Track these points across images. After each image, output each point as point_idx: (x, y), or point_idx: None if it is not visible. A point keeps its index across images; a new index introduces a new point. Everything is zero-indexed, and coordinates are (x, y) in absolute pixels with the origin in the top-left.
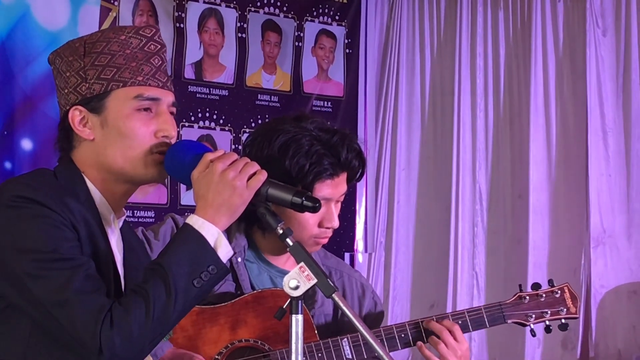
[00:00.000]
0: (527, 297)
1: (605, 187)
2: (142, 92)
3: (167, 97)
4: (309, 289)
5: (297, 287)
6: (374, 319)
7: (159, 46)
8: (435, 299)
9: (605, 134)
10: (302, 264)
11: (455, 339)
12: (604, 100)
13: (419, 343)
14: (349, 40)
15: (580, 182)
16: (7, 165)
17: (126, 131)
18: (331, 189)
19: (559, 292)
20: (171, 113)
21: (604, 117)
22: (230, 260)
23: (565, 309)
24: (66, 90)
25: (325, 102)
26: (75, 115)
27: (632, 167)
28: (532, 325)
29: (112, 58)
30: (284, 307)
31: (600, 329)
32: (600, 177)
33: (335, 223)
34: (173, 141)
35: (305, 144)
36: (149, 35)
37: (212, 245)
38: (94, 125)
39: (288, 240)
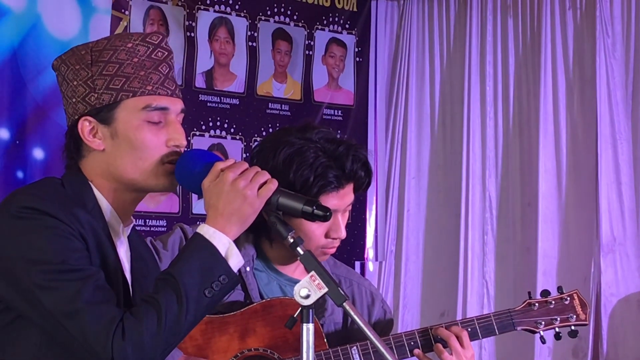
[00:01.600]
0: (537, 304)
1: (615, 195)
2: (150, 102)
3: (176, 105)
4: (319, 298)
5: (308, 296)
6: (383, 327)
7: (166, 53)
8: (446, 307)
9: (615, 141)
10: (312, 272)
11: (461, 345)
12: (614, 107)
13: (417, 351)
14: (359, 48)
15: (590, 189)
16: (19, 174)
17: (137, 142)
18: (337, 201)
19: (569, 299)
20: (180, 122)
21: (614, 124)
22: (239, 269)
23: (575, 316)
24: (74, 100)
25: (336, 111)
26: (85, 126)
27: None
28: (541, 332)
29: (120, 67)
30: (295, 316)
31: (610, 338)
32: (610, 185)
33: (342, 234)
34: (183, 150)
35: (309, 156)
36: (156, 42)
37: (223, 255)
38: (104, 136)
39: (299, 249)
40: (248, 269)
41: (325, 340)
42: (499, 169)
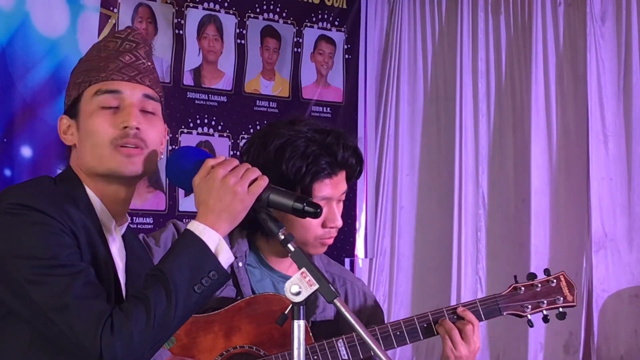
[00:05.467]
0: (523, 288)
1: (606, 191)
2: (100, 87)
3: (134, 90)
4: (310, 295)
5: (299, 293)
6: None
7: (134, 44)
8: (439, 304)
9: (606, 137)
10: (303, 269)
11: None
12: (605, 103)
13: (444, 320)
14: (349, 45)
15: (581, 186)
16: (7, 172)
17: (89, 128)
18: (331, 189)
19: (555, 281)
20: (145, 108)
21: (604, 120)
22: (231, 265)
23: (562, 298)
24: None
25: (325, 108)
26: (62, 124)
27: (633, 170)
28: (529, 316)
29: (88, 63)
30: (286, 312)
31: (602, 334)
32: (601, 181)
33: (339, 222)
34: (134, 132)
35: (300, 146)
36: (123, 36)
37: (213, 251)
38: (74, 131)
39: (289, 246)
40: (240, 264)
41: (310, 334)
42: (492, 165)
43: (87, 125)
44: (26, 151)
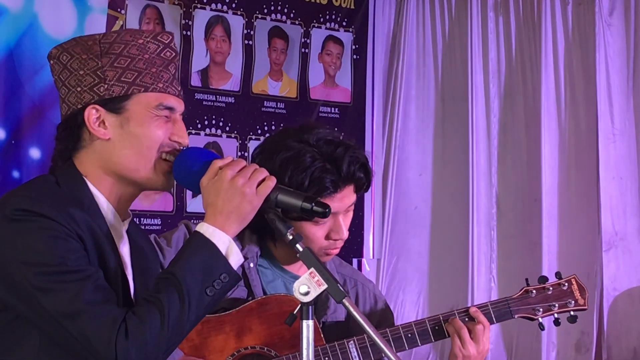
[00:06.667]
0: (534, 291)
1: (616, 190)
2: (162, 101)
3: (181, 106)
4: (321, 295)
5: (307, 293)
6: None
7: (174, 54)
8: (454, 304)
9: (615, 136)
10: (312, 269)
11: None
12: (614, 102)
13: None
14: (357, 46)
15: (591, 185)
16: (15, 174)
17: (144, 134)
18: (335, 203)
19: (567, 284)
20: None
21: (613, 119)
22: (242, 265)
23: (573, 301)
24: (79, 89)
25: (333, 109)
26: (92, 113)
27: None
28: (540, 319)
29: (132, 61)
30: (295, 312)
31: (613, 332)
32: (611, 180)
33: (344, 234)
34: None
35: (306, 160)
36: (166, 42)
37: (223, 253)
38: (112, 125)
39: (298, 246)
40: (252, 265)
41: (321, 335)
42: (505, 164)
43: (144, 130)
44: (34, 153)
